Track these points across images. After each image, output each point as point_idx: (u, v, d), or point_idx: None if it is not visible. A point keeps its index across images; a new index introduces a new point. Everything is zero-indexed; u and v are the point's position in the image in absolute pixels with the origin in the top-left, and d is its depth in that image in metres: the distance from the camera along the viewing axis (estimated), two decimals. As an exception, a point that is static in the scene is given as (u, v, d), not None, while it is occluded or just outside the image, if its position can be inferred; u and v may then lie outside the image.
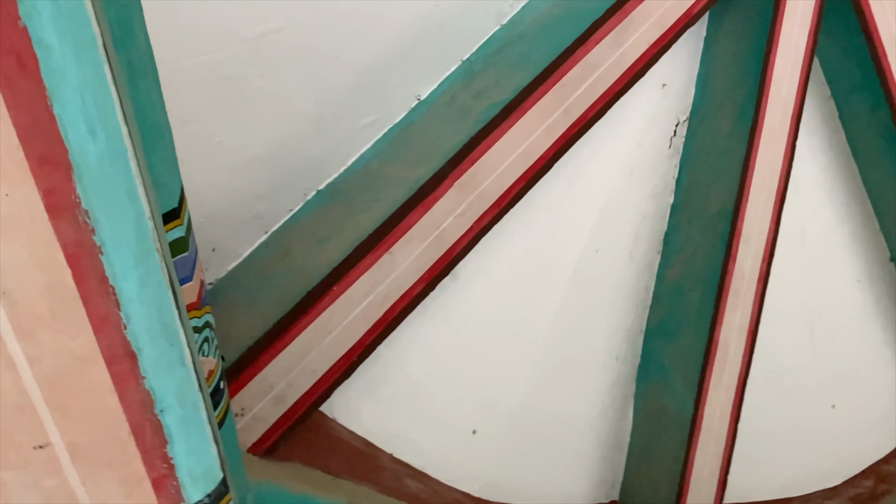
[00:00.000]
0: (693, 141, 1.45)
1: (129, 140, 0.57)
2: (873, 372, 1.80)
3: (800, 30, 1.36)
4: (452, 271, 1.21)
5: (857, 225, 1.66)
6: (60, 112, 0.51)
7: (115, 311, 0.55)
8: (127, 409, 0.60)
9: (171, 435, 0.61)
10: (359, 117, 1.15)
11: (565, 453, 1.54)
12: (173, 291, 0.60)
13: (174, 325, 0.58)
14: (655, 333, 1.53)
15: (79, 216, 0.53)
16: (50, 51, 0.49)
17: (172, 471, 0.64)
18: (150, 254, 0.56)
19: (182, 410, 0.60)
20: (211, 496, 0.69)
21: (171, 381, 0.59)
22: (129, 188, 0.56)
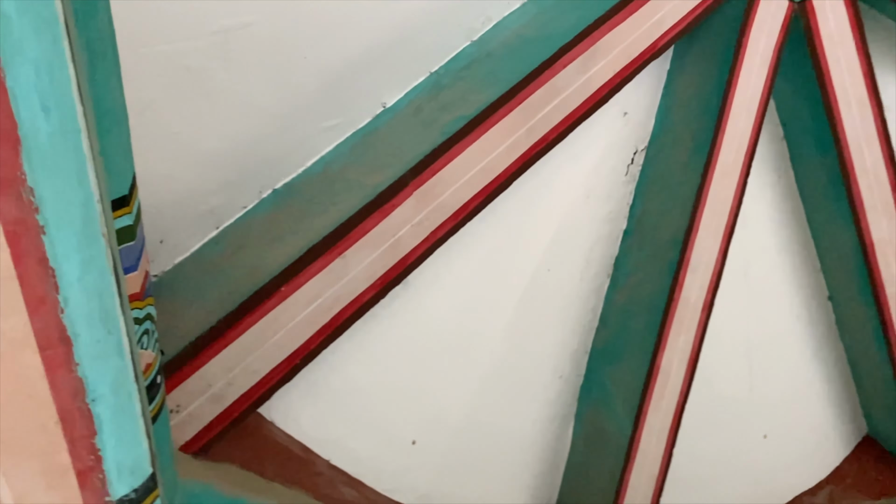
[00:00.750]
0: (649, 170, 1.50)
1: (84, 121, 0.57)
2: (805, 405, 1.88)
3: (758, 71, 1.43)
4: (405, 280, 1.22)
5: (799, 263, 1.75)
6: (13, 85, 0.50)
7: (52, 294, 0.55)
8: (56, 397, 0.59)
9: (100, 425, 0.60)
10: (322, 119, 1.16)
11: (504, 468, 1.57)
12: (116, 279, 0.60)
13: (114, 313, 0.57)
14: (600, 355, 1.58)
15: (23, 194, 0.52)
16: (8, 21, 0.49)
17: (99, 463, 0.63)
18: (96, 238, 0.55)
19: (115, 401, 0.60)
20: (138, 491, 0.68)
21: (107, 370, 0.58)
22: (79, 170, 0.55)
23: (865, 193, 1.62)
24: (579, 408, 1.60)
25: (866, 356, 1.83)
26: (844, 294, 1.78)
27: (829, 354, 1.85)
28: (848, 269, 1.71)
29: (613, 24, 1.26)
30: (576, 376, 1.59)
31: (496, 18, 1.25)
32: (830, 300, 1.82)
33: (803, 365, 1.84)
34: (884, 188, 1.64)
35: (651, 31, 1.29)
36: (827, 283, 1.79)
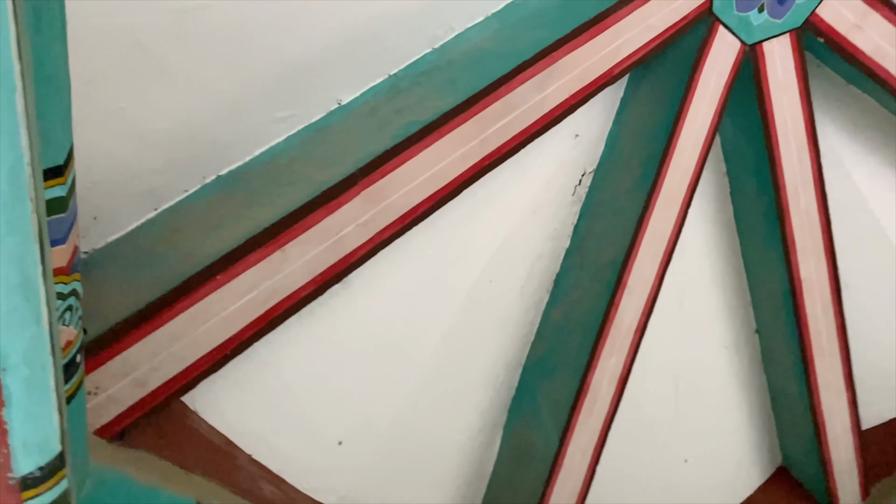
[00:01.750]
0: (595, 192, 1.55)
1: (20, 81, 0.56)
2: (726, 433, 1.96)
3: (707, 107, 1.50)
4: (345, 279, 1.23)
5: (731, 294, 1.83)
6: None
7: (-31, 257, 0.54)
8: (-36, 364, 0.58)
9: (9, 397, 0.59)
10: (274, 110, 1.16)
11: (429, 475, 1.58)
12: (41, 248, 0.59)
13: (34, 282, 0.57)
14: (533, 369, 1.61)
15: (-54, 150, 0.51)
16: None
17: (4, 436, 0.62)
18: (22, 203, 0.55)
19: (27, 372, 0.59)
20: (44, 469, 0.67)
21: (21, 339, 0.57)
22: (10, 130, 0.55)
23: (798, 234, 1.71)
24: (509, 419, 1.64)
25: (786, 390, 1.93)
26: (771, 328, 1.87)
27: (752, 385, 1.94)
28: (776, 305, 1.80)
29: (572, 47, 1.30)
30: (508, 388, 1.62)
31: (459, 29, 1.28)
32: (757, 333, 1.91)
33: (727, 393, 1.92)
34: (815, 230, 1.73)
35: (608, 57, 1.34)
36: (755, 316, 1.88)
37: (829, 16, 1.48)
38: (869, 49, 1.54)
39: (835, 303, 1.81)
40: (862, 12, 1.51)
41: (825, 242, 1.74)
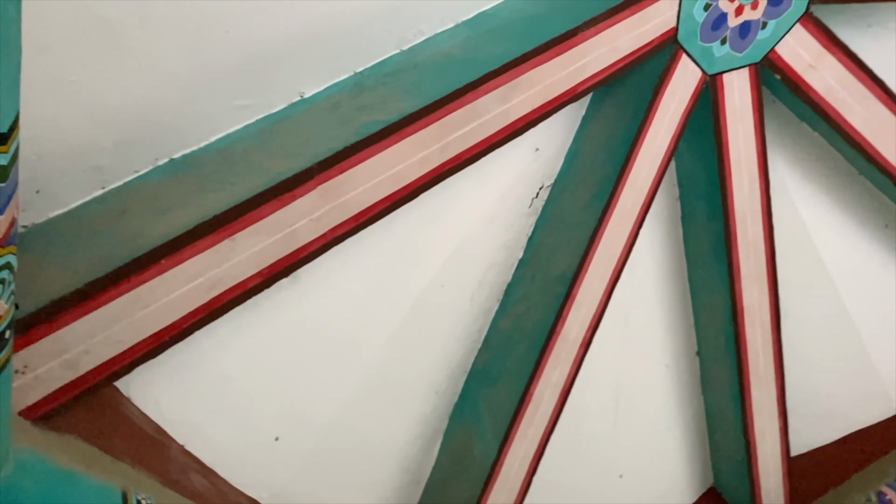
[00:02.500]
0: (552, 206, 1.58)
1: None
2: (661, 451, 2.01)
3: (665, 132, 1.54)
4: (294, 273, 1.22)
5: (675, 316, 1.88)
6: None
7: None
8: None
9: (-75, 371, 0.57)
10: (234, 97, 1.14)
11: (366, 477, 1.58)
12: (-29, 219, 0.57)
13: (-40, 254, 0.55)
14: (478, 376, 1.63)
15: None
16: None
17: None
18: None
19: (-54, 346, 0.57)
20: (-42, 448, 0.65)
21: (-59, 311, 0.55)
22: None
23: (743, 262, 1.77)
24: (449, 425, 1.65)
25: (722, 412, 1.99)
26: (711, 351, 1.93)
27: (690, 405, 2.00)
28: (718, 330, 1.86)
29: (539, 61, 1.32)
30: (451, 394, 1.63)
31: (428, 33, 1.28)
32: (698, 355, 1.97)
33: (665, 412, 1.97)
34: (760, 259, 1.79)
35: (573, 75, 1.37)
36: (697, 338, 1.94)
37: (787, 54, 1.54)
38: (822, 89, 1.61)
39: (774, 331, 1.88)
40: (817, 54, 1.58)
41: (769, 271, 1.81)
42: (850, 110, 1.64)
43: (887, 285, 2.05)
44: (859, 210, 1.92)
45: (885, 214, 1.93)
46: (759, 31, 1.48)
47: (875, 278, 2.03)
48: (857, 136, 1.68)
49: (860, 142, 1.68)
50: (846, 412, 2.14)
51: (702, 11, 1.40)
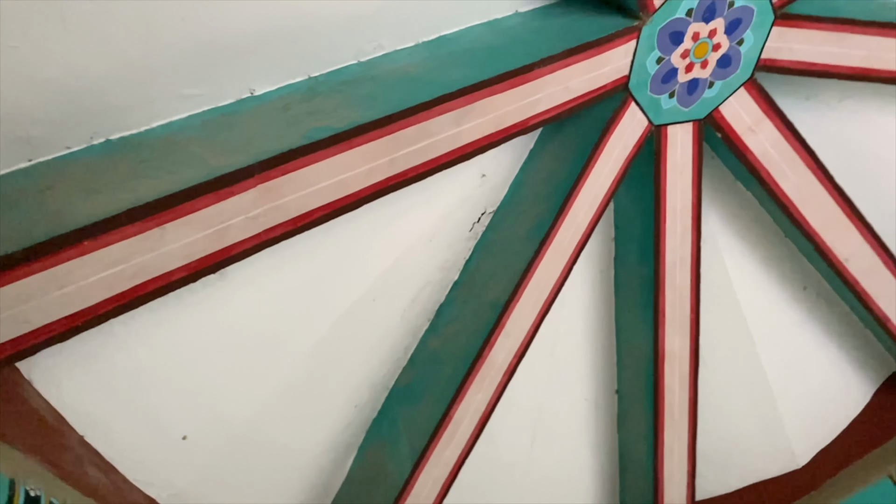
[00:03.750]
0: (492, 232, 1.61)
1: None
2: (573, 485, 2.05)
3: (608, 174, 1.59)
4: (223, 270, 1.20)
5: (599, 353, 1.93)
6: None
7: None
8: None
9: None
10: (183, 85, 1.12)
11: (273, 485, 1.55)
12: None
13: None
14: (400, 394, 1.63)
15: None
16: None
17: None
18: None
19: None
20: None
21: None
22: None
23: (669, 308, 1.83)
24: (365, 440, 1.64)
25: (634, 452, 2.04)
26: (630, 391, 1.98)
27: (604, 442, 2.05)
28: (638, 370, 1.92)
29: (494, 91, 1.34)
30: (370, 409, 1.63)
31: (387, 49, 1.30)
32: (617, 394, 2.03)
33: (580, 446, 2.02)
34: (685, 307, 1.87)
35: (525, 108, 1.40)
36: (618, 377, 1.99)
37: (730, 115, 1.62)
38: (758, 152, 1.70)
39: (691, 377, 1.95)
40: (758, 118, 1.66)
41: (692, 319, 1.88)
42: (783, 175, 1.73)
43: (801, 344, 2.16)
44: (782, 270, 2.02)
45: (805, 277, 2.04)
46: (706, 90, 1.56)
47: (790, 336, 2.13)
48: (787, 200, 1.77)
49: (788, 206, 1.78)
50: (751, 462, 2.23)
51: (654, 64, 1.46)
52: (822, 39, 1.61)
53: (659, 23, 1.40)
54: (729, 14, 1.47)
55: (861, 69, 1.67)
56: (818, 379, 2.21)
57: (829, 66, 1.63)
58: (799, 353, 2.16)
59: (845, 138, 1.86)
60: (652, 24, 1.39)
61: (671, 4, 1.38)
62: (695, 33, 1.45)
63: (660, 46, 1.43)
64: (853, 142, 1.87)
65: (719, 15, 1.46)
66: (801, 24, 1.56)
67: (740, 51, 1.54)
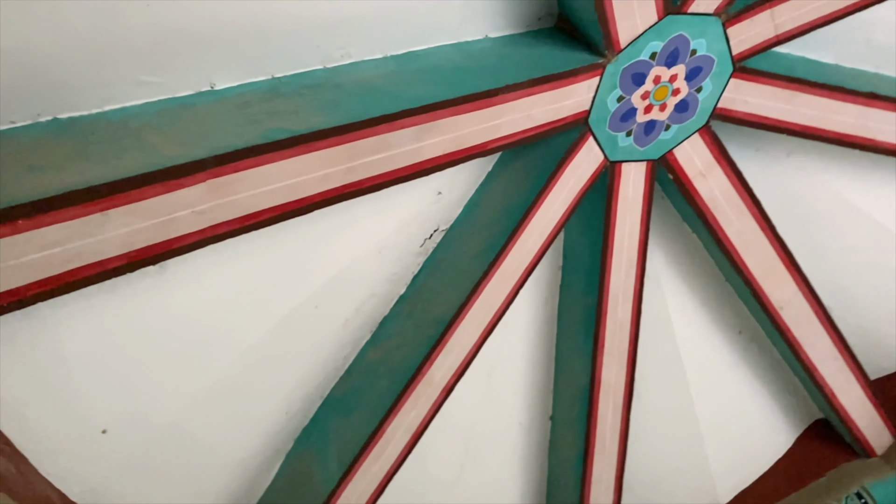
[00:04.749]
0: (442, 250, 1.63)
1: None
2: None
3: (560, 204, 1.63)
4: (164, 263, 1.18)
5: (537, 378, 1.97)
6: None
7: None
8: None
9: None
10: (141, 72, 1.11)
11: (192, 488, 1.52)
12: None
13: None
14: (334, 403, 1.62)
15: None
16: None
17: None
18: None
19: None
20: None
21: None
22: None
23: (609, 339, 1.88)
24: (294, 448, 1.62)
25: (563, 477, 2.08)
26: (564, 418, 2.02)
27: (534, 466, 2.08)
28: (574, 398, 1.96)
29: (458, 111, 1.36)
30: (302, 417, 1.61)
31: (355, 58, 1.31)
32: (551, 420, 2.06)
33: (509, 470, 2.04)
34: (624, 340, 1.92)
35: (487, 131, 1.42)
36: (554, 403, 2.03)
37: (683, 158, 1.69)
38: (707, 196, 1.76)
39: (625, 408, 2.00)
40: (709, 164, 1.73)
41: (630, 352, 1.93)
42: (728, 221, 1.81)
43: (732, 385, 2.24)
44: (720, 312, 2.10)
45: (741, 321, 2.12)
46: (662, 132, 1.61)
47: (722, 377, 2.21)
48: (730, 245, 1.84)
49: (731, 251, 1.85)
50: (675, 497, 2.29)
51: (615, 102, 1.51)
52: (775, 95, 1.69)
53: (623, 62, 1.45)
54: (690, 61, 1.53)
55: (809, 127, 1.76)
56: (745, 421, 2.29)
57: (780, 122, 1.72)
58: (729, 395, 2.24)
59: (789, 191, 1.96)
60: (616, 63, 1.44)
61: (636, 46, 1.43)
62: (656, 76, 1.51)
63: (622, 85, 1.48)
64: (796, 195, 1.97)
65: (681, 61, 1.52)
66: (758, 79, 1.65)
67: (698, 98, 1.60)
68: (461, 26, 1.37)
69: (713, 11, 1.48)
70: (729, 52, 1.56)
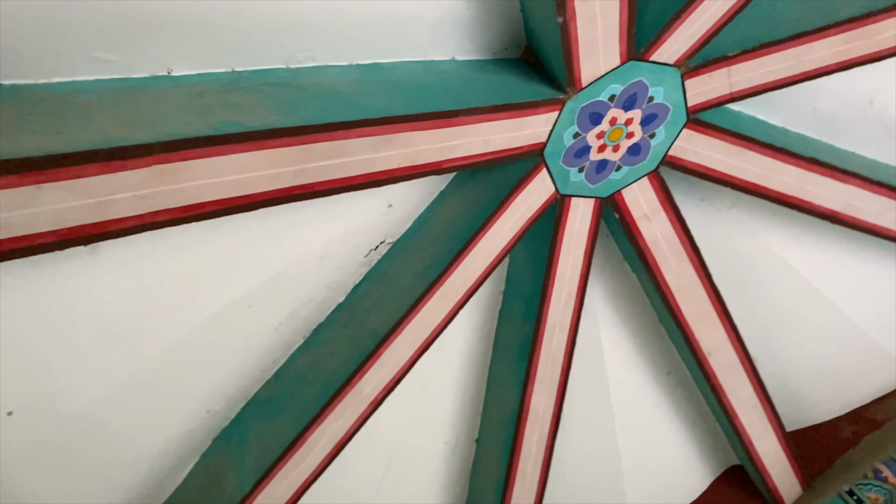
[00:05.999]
0: (387, 263, 1.64)
1: None
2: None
3: (509, 230, 1.66)
4: (96, 245, 1.15)
5: (467, 400, 1.99)
6: None
7: None
8: None
9: None
10: (96, 48, 1.09)
11: (98, 480, 1.47)
12: None
13: None
14: (258, 406, 1.60)
15: None
16: None
17: None
18: None
19: None
20: None
21: None
22: None
23: (541, 367, 1.92)
24: (210, 449, 1.59)
25: (481, 501, 2.09)
26: (489, 442, 2.04)
27: (455, 488, 2.09)
28: (501, 423, 1.99)
29: (417, 127, 1.38)
30: (223, 417, 1.59)
31: (320, 62, 1.31)
32: (477, 442, 2.08)
33: (430, 489, 2.05)
34: (556, 369, 1.96)
35: (444, 150, 1.44)
36: (481, 426, 2.05)
37: (630, 199, 1.75)
38: (649, 239, 1.83)
39: (550, 437, 2.04)
40: (654, 208, 1.80)
41: (561, 382, 1.97)
42: (667, 265, 1.88)
43: (655, 424, 2.31)
44: (651, 352, 2.17)
45: (671, 363, 2.20)
46: (613, 172, 1.67)
47: (646, 415, 2.27)
48: (667, 288, 1.91)
49: (667, 294, 1.92)
50: (590, 530, 2.34)
51: (571, 138, 1.55)
52: (724, 150, 1.77)
53: (583, 101, 1.50)
54: (647, 108, 1.60)
55: (753, 184, 1.85)
56: (665, 460, 2.36)
57: (726, 175, 1.80)
58: (652, 433, 2.31)
59: (728, 243, 2.04)
60: (576, 101, 1.49)
61: (597, 86, 1.49)
62: (613, 118, 1.57)
63: (579, 123, 1.53)
64: (734, 247, 2.06)
65: (638, 106, 1.58)
66: (709, 132, 1.72)
67: (651, 143, 1.67)
68: (430, 45, 1.40)
69: (674, 62, 1.55)
70: (684, 103, 1.64)
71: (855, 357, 2.29)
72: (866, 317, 2.22)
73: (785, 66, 1.68)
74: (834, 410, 2.37)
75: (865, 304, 2.21)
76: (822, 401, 2.36)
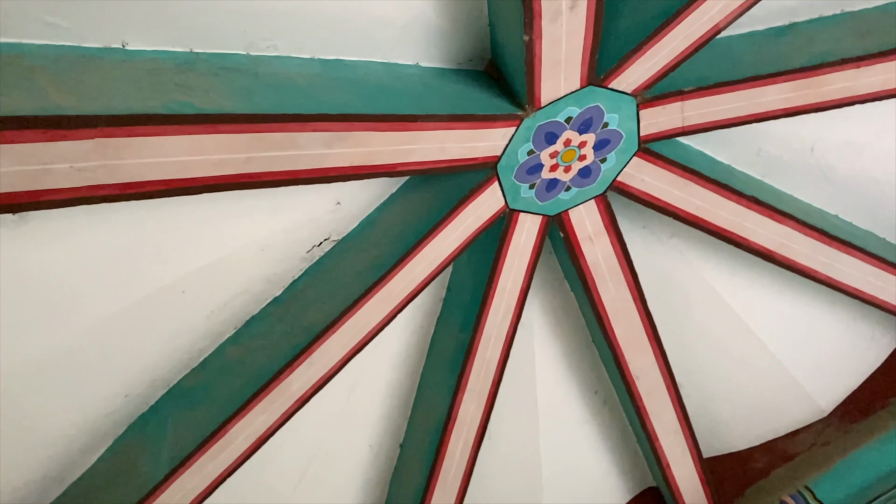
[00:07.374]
0: (328, 260, 1.65)
1: None
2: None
3: (455, 238, 1.70)
4: (25, 214, 1.13)
5: (396, 404, 2.02)
6: None
7: None
8: None
9: None
10: (48, 12, 1.07)
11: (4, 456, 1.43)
12: None
13: None
14: (179, 394, 1.59)
15: None
16: None
17: None
18: None
19: None
20: None
21: None
22: None
23: (473, 377, 1.97)
24: (124, 434, 1.57)
25: (399, 508, 2.14)
26: (414, 447, 2.09)
27: (374, 492, 2.13)
28: (427, 429, 2.03)
29: (373, 127, 1.40)
30: (141, 403, 1.57)
31: (281, 52, 1.32)
32: (401, 447, 2.12)
33: (349, 492, 2.07)
34: (488, 380, 2.01)
35: (399, 154, 1.47)
36: (407, 431, 2.09)
37: (576, 220, 1.82)
38: (591, 260, 1.90)
39: (475, 446, 2.10)
40: (598, 231, 1.87)
41: (491, 393, 2.03)
42: (605, 287, 1.96)
43: (579, 440, 2.40)
44: (581, 370, 2.25)
45: (599, 382, 2.29)
46: (562, 192, 1.74)
47: (570, 431, 2.36)
48: (602, 309, 1.99)
49: (602, 315, 2.00)
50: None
51: (525, 154, 1.61)
52: (670, 181, 1.86)
53: (540, 119, 1.55)
54: (601, 133, 1.67)
55: (694, 216, 1.94)
56: (584, 476, 2.45)
57: (670, 206, 1.89)
58: (574, 449, 2.39)
59: (665, 271, 2.14)
60: (533, 119, 1.54)
61: (555, 107, 1.54)
62: (567, 139, 1.63)
63: (534, 141, 1.59)
64: (671, 275, 2.16)
65: (593, 130, 1.65)
66: (657, 162, 1.81)
67: (601, 167, 1.74)
68: (395, 48, 1.42)
69: (631, 91, 1.62)
70: (637, 132, 1.71)
71: (774, 391, 2.43)
72: (789, 354, 2.37)
73: (736, 106, 1.77)
74: (750, 440, 2.51)
75: (789, 342, 2.36)
76: (740, 430, 2.49)
